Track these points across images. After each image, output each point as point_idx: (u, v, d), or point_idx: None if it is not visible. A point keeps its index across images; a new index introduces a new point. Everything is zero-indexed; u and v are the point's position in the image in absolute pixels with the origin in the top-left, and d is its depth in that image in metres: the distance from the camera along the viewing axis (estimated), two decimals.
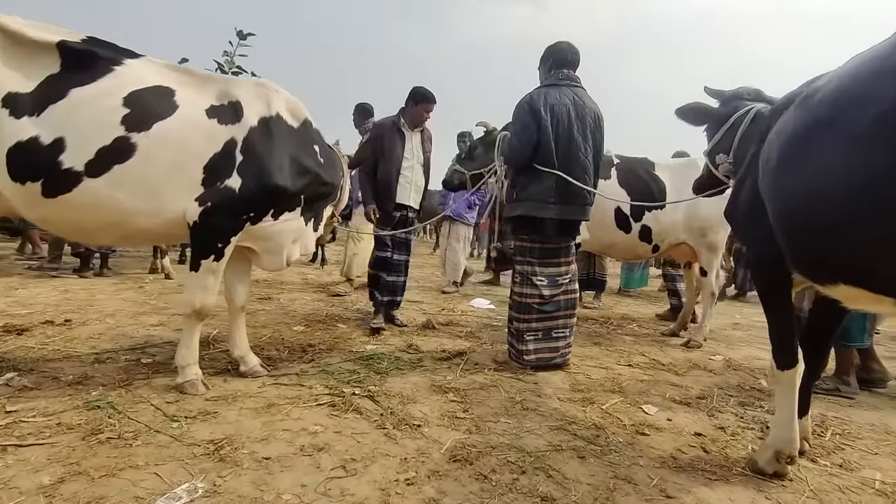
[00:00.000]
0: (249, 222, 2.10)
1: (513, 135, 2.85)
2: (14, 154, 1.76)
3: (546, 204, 2.73)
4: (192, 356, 2.17)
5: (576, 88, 2.79)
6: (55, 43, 1.84)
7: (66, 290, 4.20)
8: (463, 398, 2.30)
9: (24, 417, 1.77)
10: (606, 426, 2.09)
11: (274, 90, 2.17)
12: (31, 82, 1.80)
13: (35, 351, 2.54)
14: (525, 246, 2.86)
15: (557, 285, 2.83)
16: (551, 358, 2.84)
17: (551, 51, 2.87)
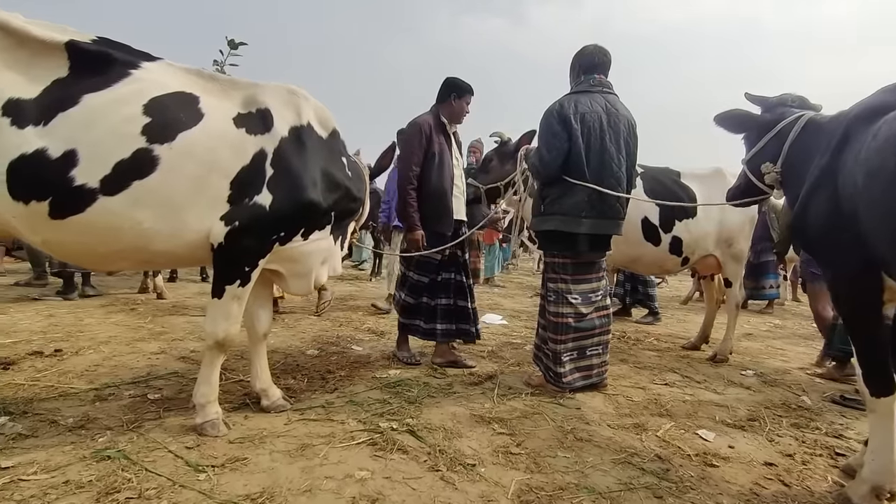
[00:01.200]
0: (279, 243, 1.90)
1: (541, 145, 2.71)
2: (16, 169, 1.52)
3: (578, 218, 2.59)
4: (213, 393, 1.94)
5: (608, 95, 2.67)
6: (63, 43, 1.62)
7: (52, 315, 3.88)
8: (510, 430, 2.12)
9: (22, 475, 1.52)
10: (670, 457, 1.93)
11: (303, 96, 1.99)
12: (35, 86, 1.57)
13: (25, 388, 2.27)
14: (557, 262, 2.71)
15: (591, 302, 2.69)
16: (587, 377, 2.69)
17: (578, 56, 2.75)
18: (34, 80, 1.58)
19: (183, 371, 2.64)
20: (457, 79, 3.05)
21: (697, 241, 3.42)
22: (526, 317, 5.27)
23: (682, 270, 3.80)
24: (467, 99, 3.06)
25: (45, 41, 1.61)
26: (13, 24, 1.57)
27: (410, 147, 2.92)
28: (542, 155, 2.66)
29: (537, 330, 2.83)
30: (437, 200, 2.93)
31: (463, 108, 3.07)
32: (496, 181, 3.50)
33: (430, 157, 2.93)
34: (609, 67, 2.73)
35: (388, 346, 3.50)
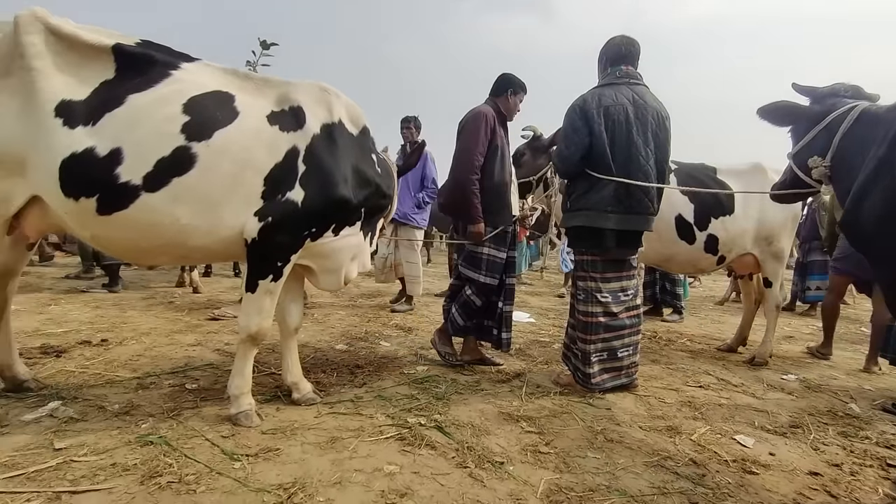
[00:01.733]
0: (310, 238, 1.93)
1: (561, 140, 2.66)
2: (68, 167, 1.61)
3: (605, 213, 2.53)
4: (246, 385, 1.99)
5: (636, 86, 2.59)
6: (110, 46, 1.70)
7: (98, 307, 4.08)
8: (539, 428, 2.10)
9: (74, 456, 1.60)
10: (706, 462, 1.87)
11: (335, 94, 2.01)
12: (85, 89, 1.65)
13: (75, 375, 2.39)
14: (585, 260, 2.65)
15: (621, 301, 2.62)
16: (616, 377, 2.63)
17: (604, 49, 2.69)
18: (84, 83, 1.66)
19: (218, 363, 2.73)
20: (513, 75, 2.98)
21: (734, 239, 3.29)
22: (553, 315, 5.21)
23: (717, 269, 3.67)
24: (521, 97, 2.99)
25: (94, 45, 1.69)
26: (64, 29, 1.65)
27: (476, 136, 2.78)
28: (560, 150, 2.63)
29: (567, 329, 2.78)
30: (498, 194, 2.86)
31: (517, 104, 3.00)
32: (528, 176, 3.45)
33: (493, 149, 2.83)
34: (637, 58, 2.65)
35: (415, 342, 3.53)
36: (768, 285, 3.45)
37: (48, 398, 2.05)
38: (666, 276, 5.06)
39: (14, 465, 1.53)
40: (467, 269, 2.89)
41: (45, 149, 1.63)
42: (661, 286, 5.19)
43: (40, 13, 1.65)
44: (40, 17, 1.64)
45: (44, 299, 4.25)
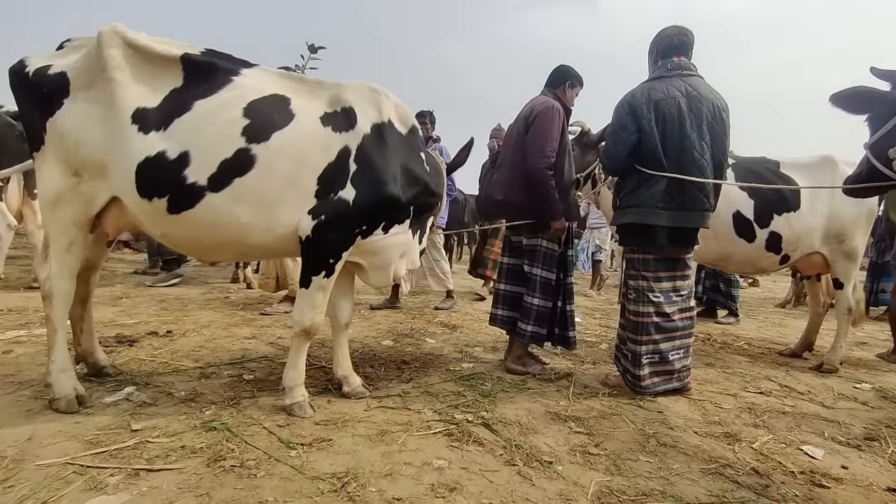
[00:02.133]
0: (361, 236, 1.99)
1: (608, 136, 2.59)
2: (143, 170, 1.74)
3: (656, 210, 2.43)
4: (300, 377, 2.08)
5: (689, 78, 2.47)
6: (179, 56, 1.82)
7: (163, 300, 4.36)
8: (587, 429, 2.06)
9: (149, 437, 1.73)
10: (770, 472, 1.77)
11: (384, 94, 2.05)
12: (157, 97, 1.78)
13: (146, 364, 2.57)
14: (636, 258, 2.57)
15: (674, 302, 2.52)
16: (668, 381, 2.54)
17: (655, 41, 2.59)
18: (156, 91, 1.79)
19: (272, 355, 2.85)
20: (570, 67, 2.89)
21: (800, 236, 3.08)
22: (600, 314, 5.09)
23: (780, 269, 3.45)
24: (578, 90, 2.91)
25: (165, 55, 1.81)
26: (140, 42, 1.78)
27: (549, 131, 2.67)
28: (607, 147, 2.56)
29: (618, 329, 2.71)
30: (567, 191, 2.80)
31: (573, 98, 2.91)
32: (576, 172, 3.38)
33: (563, 145, 2.75)
34: (690, 48, 2.54)
35: (460, 340, 3.55)
36: (839, 287, 3.22)
37: (124, 383, 2.21)
38: (720, 275, 4.82)
39: (98, 442, 1.67)
40: (530, 266, 2.82)
41: (123, 154, 1.77)
42: (713, 285, 4.96)
43: (119, 28, 1.79)
44: (119, 31, 1.78)
45: (116, 293, 4.59)
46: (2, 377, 2.22)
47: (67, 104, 1.82)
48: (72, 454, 1.59)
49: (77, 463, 1.54)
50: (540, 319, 2.81)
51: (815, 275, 3.45)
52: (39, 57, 1.90)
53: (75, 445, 1.65)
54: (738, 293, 4.94)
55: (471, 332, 3.83)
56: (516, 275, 2.92)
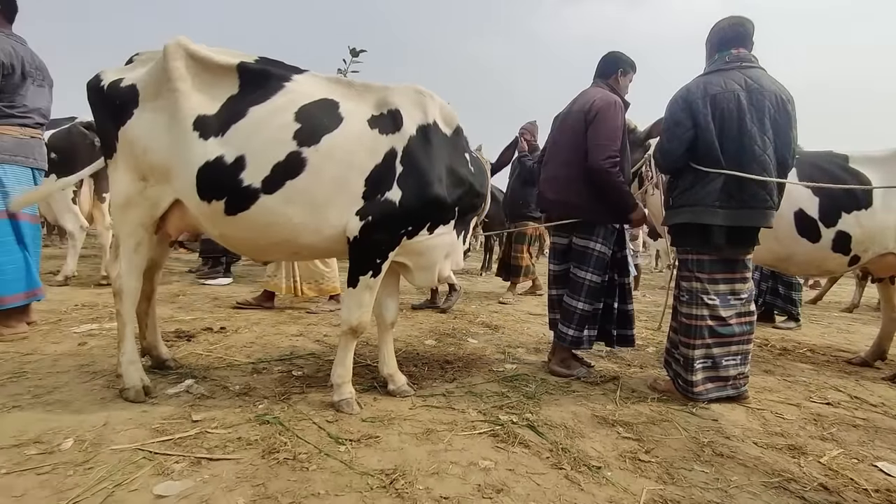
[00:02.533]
0: (406, 236, 2.01)
1: (662, 133, 2.49)
2: (203, 174, 1.84)
3: (712, 209, 2.32)
4: (348, 374, 2.13)
5: (749, 69, 2.35)
6: (235, 65, 1.91)
7: (216, 298, 4.58)
8: (637, 435, 2.00)
9: (208, 428, 1.82)
10: (840, 489, 1.66)
11: (429, 96, 2.07)
12: (215, 104, 1.88)
13: (203, 358, 2.71)
14: (690, 259, 2.47)
15: (731, 305, 2.40)
16: (722, 388, 2.42)
17: (710, 34, 2.49)
18: (214, 99, 1.89)
19: (319, 353, 2.94)
20: (622, 53, 2.76)
21: (873, 236, 2.86)
22: (645, 317, 4.92)
23: (849, 271, 3.22)
24: (631, 77, 2.77)
25: (223, 65, 1.91)
26: (200, 53, 1.88)
27: (615, 127, 2.59)
28: (661, 144, 2.46)
29: (669, 332, 2.61)
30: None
31: (627, 86, 2.77)
32: None
33: (623, 142, 2.65)
34: (749, 39, 2.41)
35: (502, 341, 3.53)
36: None
37: (184, 376, 2.34)
38: (779, 277, 4.55)
39: (164, 430, 1.78)
40: (577, 268, 2.74)
41: (185, 159, 1.87)
42: (772, 288, 4.68)
43: (183, 41, 1.90)
44: (183, 44, 1.89)
45: (174, 290, 4.87)
46: (79, 367, 2.41)
47: (137, 114, 1.95)
48: (141, 441, 1.70)
49: (146, 449, 1.64)
50: (582, 323, 2.75)
51: (888, 277, 3.19)
52: (112, 71, 2.05)
53: (143, 433, 1.76)
54: (799, 297, 4.65)
55: (513, 333, 3.80)
56: (565, 279, 2.85)
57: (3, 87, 2.72)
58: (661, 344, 3.66)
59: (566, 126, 2.78)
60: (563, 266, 2.87)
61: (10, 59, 2.71)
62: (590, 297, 2.73)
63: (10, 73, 2.72)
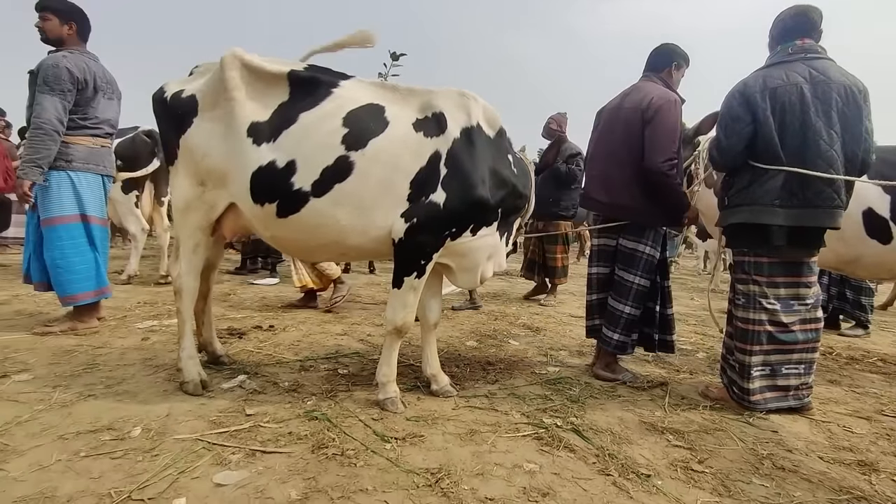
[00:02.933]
0: (450, 238, 2.03)
1: (719, 130, 2.38)
2: (256, 178, 1.93)
3: (771, 208, 2.20)
4: (392, 373, 2.16)
5: (814, 61, 2.21)
6: (286, 73, 1.99)
7: (263, 297, 4.77)
8: (688, 444, 1.93)
9: (261, 422, 1.90)
10: None
11: (472, 98, 2.08)
12: (268, 111, 1.97)
13: (253, 355, 2.83)
14: (746, 261, 2.34)
15: (795, 311, 2.27)
16: (783, 398, 2.29)
17: (773, 25, 2.36)
18: (267, 106, 1.97)
19: (363, 352, 3.00)
20: (676, 45, 2.65)
21: None
22: (694, 321, 4.73)
23: None
24: (684, 71, 2.68)
25: (274, 73, 1.99)
26: (254, 63, 1.98)
27: (674, 128, 2.49)
28: (718, 141, 2.34)
29: (724, 338, 2.50)
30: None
31: (679, 80, 2.68)
32: None
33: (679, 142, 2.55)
34: (816, 28, 2.27)
35: (544, 343, 3.49)
36: None
37: (237, 372, 2.45)
38: (847, 281, 4.25)
39: (220, 423, 1.87)
40: (625, 271, 2.67)
41: (240, 164, 1.97)
42: (839, 293, 4.38)
43: (238, 52, 1.99)
44: (238, 55, 1.99)
45: (224, 289, 5.10)
46: (143, 360, 2.57)
47: (196, 122, 2.07)
48: (200, 432, 1.79)
49: (205, 440, 1.74)
50: (629, 328, 2.67)
51: None
52: (174, 83, 2.18)
53: (202, 424, 1.86)
54: (870, 302, 4.32)
55: (554, 336, 3.75)
56: (609, 283, 2.78)
57: (78, 101, 2.94)
58: (712, 349, 3.51)
59: (617, 123, 2.67)
60: (608, 269, 2.79)
61: (83, 74, 2.93)
62: (636, 301, 2.66)
63: (83, 87, 2.94)
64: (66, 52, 2.96)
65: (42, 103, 2.81)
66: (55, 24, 2.97)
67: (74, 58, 2.93)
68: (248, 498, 1.42)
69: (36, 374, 2.28)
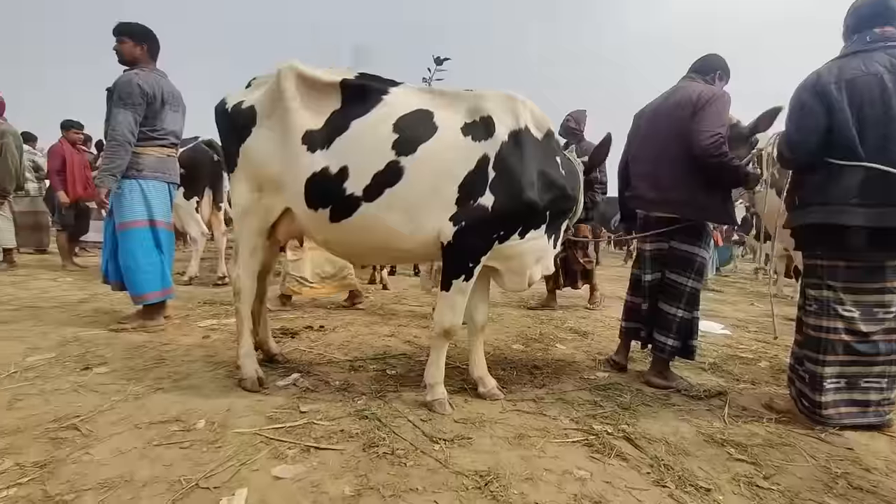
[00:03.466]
0: (498, 241, 2.03)
1: (789, 125, 2.23)
2: (310, 184, 2.01)
3: (849, 207, 2.04)
4: (440, 374, 2.18)
5: (894, 49, 2.04)
6: (338, 82, 2.06)
7: (314, 298, 4.92)
8: (752, 458, 1.82)
9: (314, 420, 1.97)
10: None
11: (521, 101, 2.07)
12: (321, 119, 2.04)
13: (305, 354, 2.93)
14: (820, 265, 2.18)
15: (876, 320, 2.09)
16: (861, 414, 2.12)
17: (847, 14, 2.20)
18: (320, 114, 2.05)
19: (410, 353, 3.04)
20: (723, 58, 2.67)
21: None
22: (755, 328, 4.47)
23: None
24: (725, 84, 2.67)
25: (327, 83, 2.06)
26: (308, 73, 2.06)
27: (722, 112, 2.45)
28: (789, 136, 2.20)
29: (793, 346, 2.35)
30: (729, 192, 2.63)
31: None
32: None
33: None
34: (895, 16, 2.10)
35: (591, 347, 3.41)
36: None
37: (291, 370, 2.55)
38: None
39: (276, 419, 1.96)
40: (678, 274, 2.59)
41: (295, 171, 2.05)
42: None
43: (294, 64, 2.09)
44: (294, 66, 2.08)
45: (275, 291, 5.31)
46: (205, 357, 2.73)
47: (255, 132, 2.18)
48: (258, 427, 1.88)
49: (263, 434, 1.82)
50: (682, 332, 2.58)
51: None
52: (235, 95, 2.31)
53: (260, 419, 1.95)
54: None
55: (603, 340, 3.65)
56: (658, 289, 2.69)
57: (147, 114, 3.18)
58: (776, 358, 3.31)
59: (662, 121, 2.61)
60: (657, 274, 2.70)
61: (153, 90, 3.17)
62: (690, 305, 2.57)
63: (152, 101, 3.18)
64: (139, 69, 3.20)
65: (116, 117, 3.06)
66: (129, 46, 3.23)
67: (145, 75, 3.17)
68: (304, 491, 1.48)
69: (113, 368, 2.48)
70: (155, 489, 1.45)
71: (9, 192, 5.51)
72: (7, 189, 5.45)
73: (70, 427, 1.81)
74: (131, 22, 3.25)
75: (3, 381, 2.23)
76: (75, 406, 1.99)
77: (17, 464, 1.55)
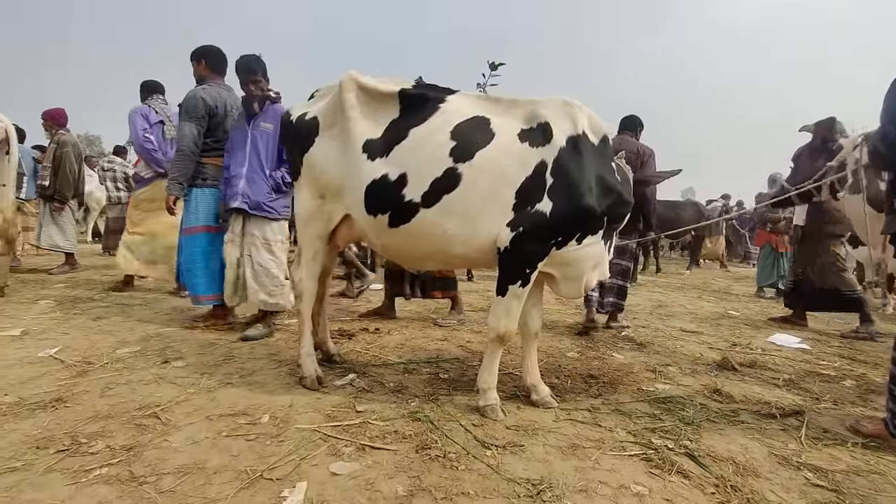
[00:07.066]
0: (556, 247, 2.01)
1: (885, 121, 2.03)
2: (370, 191, 2.09)
3: None
4: (493, 380, 2.18)
5: None
6: (396, 92, 2.13)
7: (369, 302, 5.07)
8: (833, 485, 1.67)
9: (369, 419, 2.03)
10: None
11: (577, 106, 2.05)
12: (380, 128, 2.12)
13: (361, 355, 3.03)
14: None
15: None
16: None
17: None
18: (379, 124, 2.13)
19: (463, 357, 3.06)
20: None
21: None
22: (837, 342, 4.08)
23: None
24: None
25: (386, 92, 2.14)
26: (368, 84, 2.15)
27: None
28: (884, 133, 2.00)
29: (890, 365, 2.13)
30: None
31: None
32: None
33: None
34: None
35: (651, 358, 3.26)
36: None
37: (347, 370, 2.65)
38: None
39: (334, 417, 2.04)
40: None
41: (356, 178, 2.14)
42: None
43: (354, 75, 2.19)
44: (354, 77, 2.18)
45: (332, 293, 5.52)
46: (269, 355, 2.89)
47: (317, 141, 2.30)
48: (317, 423, 1.97)
49: (321, 431, 1.90)
50: None
51: None
52: (299, 107, 2.45)
53: (319, 417, 2.04)
54: None
55: (663, 351, 3.49)
56: None
57: (210, 125, 3.43)
58: (863, 377, 3.01)
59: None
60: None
61: (215, 102, 3.42)
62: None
63: (214, 114, 3.43)
64: (206, 85, 3.47)
65: (182, 130, 3.34)
66: (194, 66, 3.60)
67: (210, 90, 3.44)
68: (359, 489, 1.53)
69: (188, 362, 2.68)
70: (224, 477, 1.56)
71: (67, 199, 5.90)
72: (66, 195, 5.85)
73: (152, 415, 1.98)
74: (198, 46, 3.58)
75: (97, 371, 2.48)
76: (156, 396, 2.18)
77: (108, 446, 1.72)
